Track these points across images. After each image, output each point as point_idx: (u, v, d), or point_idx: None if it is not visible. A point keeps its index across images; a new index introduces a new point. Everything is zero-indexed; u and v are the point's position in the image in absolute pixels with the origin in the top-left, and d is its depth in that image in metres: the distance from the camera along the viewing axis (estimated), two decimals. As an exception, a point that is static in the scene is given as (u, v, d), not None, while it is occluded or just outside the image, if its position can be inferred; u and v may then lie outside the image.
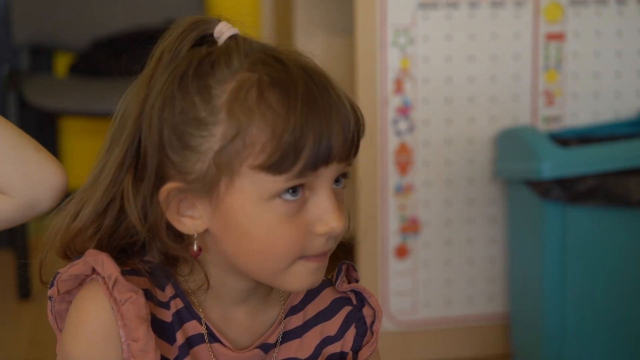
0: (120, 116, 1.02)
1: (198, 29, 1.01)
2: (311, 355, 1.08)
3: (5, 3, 3.09)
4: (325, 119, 0.95)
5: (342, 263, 1.11)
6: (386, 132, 2.30)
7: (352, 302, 1.10)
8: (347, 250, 1.11)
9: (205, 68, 0.98)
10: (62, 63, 3.16)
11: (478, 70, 2.31)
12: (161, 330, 1.01)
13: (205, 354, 1.03)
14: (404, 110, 2.30)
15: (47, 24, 3.08)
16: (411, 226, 2.34)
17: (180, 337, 1.02)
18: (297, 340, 1.07)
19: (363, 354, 1.10)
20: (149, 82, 1.00)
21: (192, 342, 1.03)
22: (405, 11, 2.27)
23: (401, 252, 2.35)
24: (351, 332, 1.10)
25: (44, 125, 3.16)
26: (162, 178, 0.99)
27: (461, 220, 2.35)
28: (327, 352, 1.09)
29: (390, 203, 2.32)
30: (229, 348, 1.04)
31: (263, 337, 1.06)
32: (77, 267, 1.00)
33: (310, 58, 1.00)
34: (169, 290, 1.03)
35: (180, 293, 1.03)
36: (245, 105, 0.95)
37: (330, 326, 1.09)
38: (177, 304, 1.03)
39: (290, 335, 1.07)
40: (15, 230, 1.19)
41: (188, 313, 1.03)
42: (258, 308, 1.06)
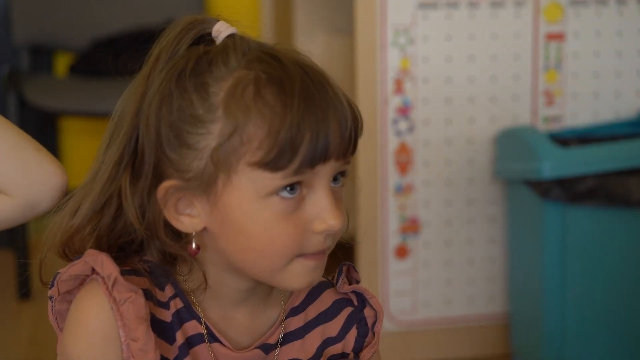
0: (118, 115, 1.03)
1: (196, 29, 1.01)
2: (313, 356, 1.08)
3: (5, 3, 3.09)
4: (322, 116, 0.95)
5: (343, 264, 1.10)
6: (386, 132, 2.29)
7: (353, 303, 1.10)
8: (347, 250, 1.11)
9: (202, 66, 0.98)
10: (62, 63, 3.16)
11: (478, 70, 2.31)
12: (161, 330, 1.01)
13: (205, 354, 1.03)
14: (404, 110, 2.30)
15: (47, 24, 3.08)
16: (411, 226, 2.34)
17: (180, 337, 1.02)
18: (299, 341, 1.07)
19: (365, 355, 1.10)
20: (147, 81, 1.00)
21: (192, 342, 1.03)
22: (405, 11, 2.27)
23: (401, 252, 2.35)
24: (352, 333, 1.10)
25: (44, 125, 3.16)
26: (160, 176, 0.99)
27: (461, 220, 2.35)
28: (329, 353, 1.09)
29: (390, 203, 2.32)
30: (229, 348, 1.04)
31: (263, 338, 1.06)
32: (77, 267, 1.00)
33: (307, 56, 1.00)
34: (169, 290, 1.03)
35: (179, 293, 1.03)
36: (242, 102, 0.95)
37: (331, 327, 1.09)
38: (177, 304, 1.03)
39: (291, 336, 1.07)
40: (15, 230, 1.19)
41: (188, 313, 1.03)
42: (258, 308, 1.06)
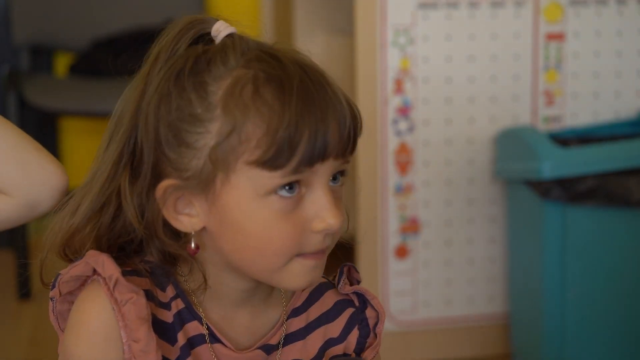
0: (117, 114, 1.03)
1: (195, 28, 1.01)
2: (314, 357, 1.08)
3: (5, 3, 3.09)
4: (320, 115, 0.95)
5: (344, 265, 1.10)
6: (386, 132, 2.29)
7: (355, 304, 1.10)
8: (347, 250, 1.11)
9: (201, 65, 0.98)
10: (62, 63, 3.16)
11: (478, 70, 2.31)
12: (162, 330, 1.01)
13: (206, 355, 1.03)
14: (404, 110, 2.30)
15: (47, 24, 3.08)
16: (411, 226, 2.34)
17: (181, 338, 1.02)
18: (300, 342, 1.07)
19: (367, 356, 1.10)
20: (146, 80, 1.00)
21: (194, 343, 1.03)
22: (405, 11, 2.27)
23: (401, 252, 2.35)
24: (354, 334, 1.10)
25: (44, 125, 3.16)
26: (159, 175, 0.99)
27: (461, 220, 2.35)
28: (330, 354, 1.08)
29: (390, 203, 2.32)
30: (231, 349, 1.04)
31: (265, 338, 1.05)
32: (78, 268, 1.00)
33: (307, 56, 1.00)
34: (170, 290, 1.02)
35: (180, 293, 1.03)
36: (240, 101, 0.95)
37: (333, 328, 1.09)
38: (178, 305, 1.02)
39: (292, 337, 1.07)
40: (15, 230, 1.19)
41: (189, 313, 1.03)
42: (258, 309, 1.06)
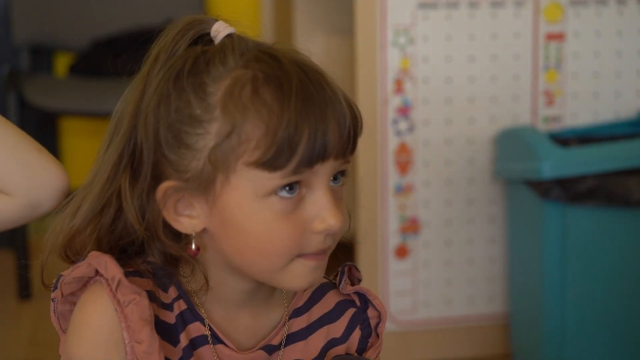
0: (117, 115, 1.02)
1: (195, 29, 1.01)
2: (316, 357, 1.07)
3: (5, 3, 3.09)
4: (320, 115, 0.95)
5: (344, 265, 1.10)
6: (386, 132, 2.29)
7: (356, 304, 1.10)
8: (347, 250, 1.11)
9: (200, 66, 0.98)
10: (62, 63, 3.16)
11: (478, 70, 2.31)
12: (165, 332, 1.01)
13: (209, 356, 1.03)
14: (404, 110, 2.30)
15: (47, 24, 3.07)
16: (411, 226, 2.34)
17: (183, 339, 1.02)
18: (302, 342, 1.07)
19: (369, 356, 1.10)
20: (145, 81, 1.00)
21: (196, 344, 1.03)
22: (405, 11, 2.27)
23: (401, 252, 2.35)
24: (356, 334, 1.10)
25: (44, 125, 3.16)
26: (159, 176, 0.99)
27: (461, 220, 2.35)
28: (332, 354, 1.08)
29: (390, 203, 2.32)
30: (233, 349, 1.03)
31: (267, 339, 1.05)
32: (81, 270, 1.00)
33: (306, 55, 1.00)
34: (172, 291, 1.02)
35: (183, 294, 1.03)
36: (239, 102, 0.95)
37: (335, 328, 1.09)
38: (181, 306, 1.02)
39: (294, 337, 1.07)
40: (15, 230, 1.19)
41: (191, 314, 1.03)
42: (260, 309, 1.06)
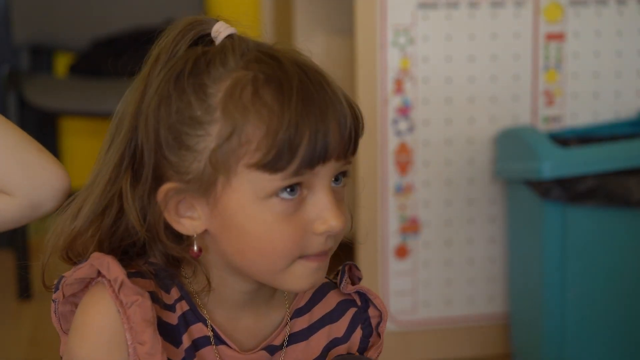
0: (118, 116, 1.02)
1: (195, 29, 1.01)
2: (318, 357, 1.07)
3: (5, 3, 3.09)
4: (321, 116, 0.95)
5: (345, 264, 1.10)
6: (386, 132, 2.29)
7: (357, 304, 1.10)
8: (347, 250, 1.11)
9: (200, 67, 0.97)
10: (62, 63, 3.16)
11: (478, 70, 2.31)
12: (167, 333, 1.01)
13: (211, 357, 1.03)
14: (404, 110, 2.30)
15: (47, 24, 3.07)
16: (411, 226, 2.34)
17: (186, 340, 1.02)
18: (303, 342, 1.07)
19: (371, 356, 1.10)
20: (146, 82, 1.00)
21: (198, 345, 1.03)
22: (405, 11, 2.27)
23: (401, 252, 2.35)
24: (357, 334, 1.10)
25: (44, 125, 3.16)
26: (160, 178, 0.99)
27: (461, 220, 2.35)
28: (335, 354, 1.08)
29: (390, 203, 2.32)
30: (235, 350, 1.03)
31: (268, 339, 1.05)
32: (83, 271, 1.00)
33: (307, 56, 1.00)
34: (174, 292, 1.02)
35: (185, 295, 1.02)
36: (240, 103, 0.95)
37: (337, 328, 1.09)
38: (183, 307, 1.02)
39: (296, 337, 1.07)
40: (15, 230, 1.19)
41: (193, 315, 1.02)
42: (262, 310, 1.06)
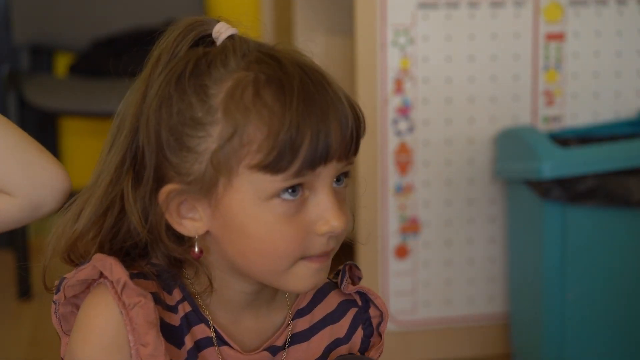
0: (120, 117, 1.02)
1: (196, 30, 1.01)
2: (319, 357, 1.07)
3: (5, 3, 3.09)
4: (322, 116, 0.95)
5: (345, 264, 1.10)
6: (386, 132, 2.29)
7: (358, 304, 1.10)
8: (347, 250, 1.10)
9: (201, 68, 0.97)
10: (62, 63, 3.16)
11: (478, 70, 2.31)
12: (169, 334, 1.01)
13: (213, 358, 1.03)
14: (404, 110, 2.30)
15: (47, 24, 3.07)
16: (411, 226, 2.34)
17: (188, 341, 1.02)
18: (305, 343, 1.07)
19: (372, 356, 1.10)
20: (147, 83, 1.00)
21: (201, 346, 1.03)
22: (405, 11, 2.27)
23: (401, 252, 2.35)
24: (359, 334, 1.10)
25: (44, 125, 3.16)
26: (161, 179, 0.98)
27: (461, 220, 2.35)
28: (336, 354, 1.08)
29: (390, 203, 2.32)
30: (238, 351, 1.03)
31: (270, 340, 1.05)
32: (85, 272, 1.00)
33: (308, 56, 1.00)
34: (177, 293, 1.02)
35: (187, 296, 1.02)
36: (241, 104, 0.95)
37: (339, 329, 1.09)
38: (185, 308, 1.02)
39: (297, 338, 1.07)
40: (15, 230, 1.19)
41: (196, 316, 1.02)
42: (264, 311, 1.06)
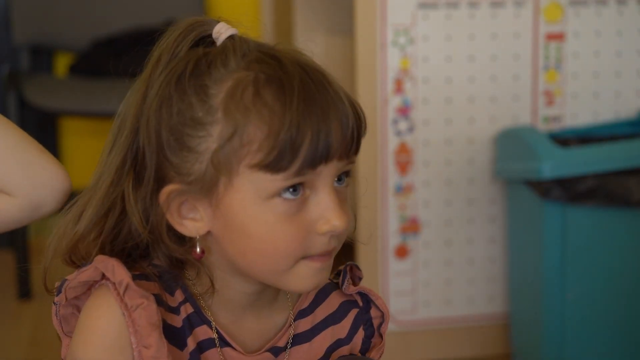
0: (120, 118, 1.02)
1: (196, 30, 1.01)
2: (321, 358, 1.07)
3: (5, 3, 3.09)
4: (322, 116, 0.94)
5: (346, 264, 1.10)
6: (386, 132, 2.29)
7: (359, 304, 1.10)
8: (347, 250, 1.10)
9: (202, 68, 0.97)
10: (62, 63, 3.16)
11: (478, 70, 2.31)
12: (172, 335, 1.00)
13: (216, 359, 1.02)
14: (404, 110, 2.30)
15: (47, 24, 3.07)
16: (411, 226, 2.34)
17: (191, 343, 1.02)
18: (307, 344, 1.07)
19: (373, 357, 1.10)
20: (147, 84, 1.00)
21: (203, 347, 1.02)
22: (405, 11, 2.27)
23: (401, 252, 2.35)
24: (360, 335, 1.10)
25: (44, 125, 3.16)
26: (162, 180, 0.98)
27: (461, 220, 2.35)
28: (338, 355, 1.08)
29: (390, 203, 2.32)
30: (240, 352, 1.03)
31: (272, 341, 1.05)
32: (87, 274, 0.99)
33: (308, 56, 0.99)
34: (179, 294, 1.02)
35: (189, 297, 1.02)
36: (241, 103, 0.95)
37: (340, 329, 1.09)
38: (187, 309, 1.02)
39: (299, 338, 1.07)
40: (15, 230, 1.19)
41: (198, 317, 1.02)
42: (265, 312, 1.05)
